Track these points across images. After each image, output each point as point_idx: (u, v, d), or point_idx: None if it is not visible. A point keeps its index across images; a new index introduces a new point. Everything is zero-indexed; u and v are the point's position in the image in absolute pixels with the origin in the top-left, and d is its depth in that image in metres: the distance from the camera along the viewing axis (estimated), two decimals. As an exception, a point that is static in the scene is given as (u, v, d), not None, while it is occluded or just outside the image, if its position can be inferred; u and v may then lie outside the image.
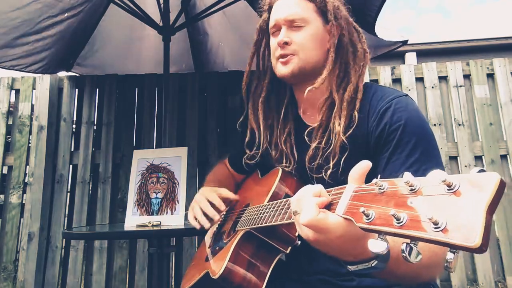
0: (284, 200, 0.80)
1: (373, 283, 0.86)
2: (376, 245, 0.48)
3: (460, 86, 2.93)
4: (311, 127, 0.98)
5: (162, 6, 2.27)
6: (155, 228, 1.59)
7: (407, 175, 0.46)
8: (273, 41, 1.01)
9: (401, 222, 0.44)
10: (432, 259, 0.68)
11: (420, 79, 2.97)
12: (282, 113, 1.05)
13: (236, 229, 0.98)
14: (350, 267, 0.61)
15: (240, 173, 1.27)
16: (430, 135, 0.85)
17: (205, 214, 1.07)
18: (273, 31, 1.01)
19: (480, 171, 0.41)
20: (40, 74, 2.84)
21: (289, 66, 0.96)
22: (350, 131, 0.89)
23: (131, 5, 2.21)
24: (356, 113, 0.91)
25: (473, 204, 0.39)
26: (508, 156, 2.80)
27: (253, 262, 0.88)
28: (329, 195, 0.60)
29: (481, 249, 0.37)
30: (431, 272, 0.71)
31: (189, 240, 2.76)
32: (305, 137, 0.98)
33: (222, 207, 1.06)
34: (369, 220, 0.48)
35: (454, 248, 0.41)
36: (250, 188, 1.15)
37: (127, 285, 2.72)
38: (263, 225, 0.82)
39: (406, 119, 0.85)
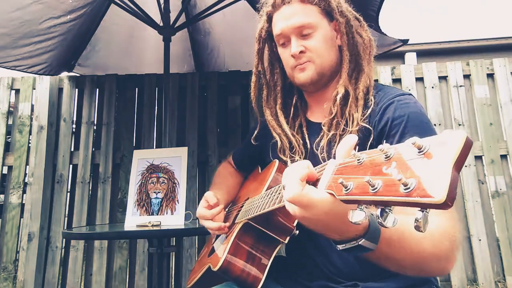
0: (277, 186, 0.80)
1: (378, 287, 0.86)
2: (355, 215, 0.49)
3: (460, 86, 2.93)
4: (322, 122, 0.97)
5: (162, 6, 2.27)
6: (155, 228, 1.59)
7: (383, 145, 0.47)
8: (285, 53, 1.00)
9: (376, 188, 0.44)
10: (437, 247, 0.67)
11: (420, 79, 2.97)
12: (291, 112, 1.05)
13: (235, 222, 0.99)
14: (339, 246, 0.61)
15: (242, 171, 1.28)
16: (432, 130, 0.85)
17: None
18: (281, 42, 1.00)
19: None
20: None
21: (307, 72, 0.96)
22: (366, 114, 0.89)
23: (132, 5, 2.21)
24: (371, 97, 0.92)
25: (440, 162, 0.39)
26: (508, 156, 2.80)
27: (253, 254, 0.89)
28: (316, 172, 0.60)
29: (446, 204, 0.37)
30: (439, 263, 0.69)
31: (189, 240, 2.76)
32: (318, 129, 0.97)
33: (215, 211, 1.06)
34: (348, 191, 0.49)
35: (422, 207, 0.41)
36: (250, 183, 1.17)
37: (127, 285, 2.72)
38: (257, 213, 0.82)
39: (409, 114, 0.84)
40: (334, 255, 0.90)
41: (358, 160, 0.50)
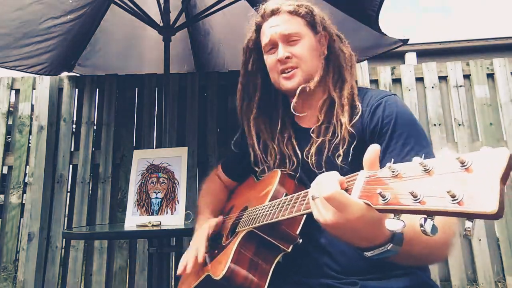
0: (290, 196, 0.82)
1: (377, 287, 0.86)
2: (393, 224, 0.50)
3: (460, 86, 2.93)
4: (311, 128, 1.01)
5: (162, 6, 2.27)
6: (155, 228, 1.59)
7: (419, 158, 0.48)
8: (271, 58, 1.05)
9: (418, 198, 0.46)
10: (446, 234, 0.71)
11: (420, 79, 2.97)
12: (279, 124, 1.09)
13: (237, 230, 0.98)
14: (367, 253, 0.62)
15: (234, 180, 1.30)
16: (420, 126, 0.91)
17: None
18: (268, 48, 1.06)
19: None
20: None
21: (294, 80, 1.02)
22: (355, 120, 0.95)
23: (132, 5, 2.21)
24: (358, 103, 0.97)
25: (487, 176, 0.41)
26: (508, 156, 2.79)
27: (255, 262, 0.89)
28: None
29: (497, 215, 0.40)
30: (443, 250, 0.73)
31: (189, 240, 2.75)
32: (307, 135, 1.01)
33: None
34: (386, 201, 0.50)
35: (472, 217, 0.43)
36: (246, 192, 1.17)
37: (127, 285, 2.72)
38: (269, 221, 0.82)
39: (397, 113, 0.91)
40: (337, 254, 0.91)
41: (392, 171, 0.51)
